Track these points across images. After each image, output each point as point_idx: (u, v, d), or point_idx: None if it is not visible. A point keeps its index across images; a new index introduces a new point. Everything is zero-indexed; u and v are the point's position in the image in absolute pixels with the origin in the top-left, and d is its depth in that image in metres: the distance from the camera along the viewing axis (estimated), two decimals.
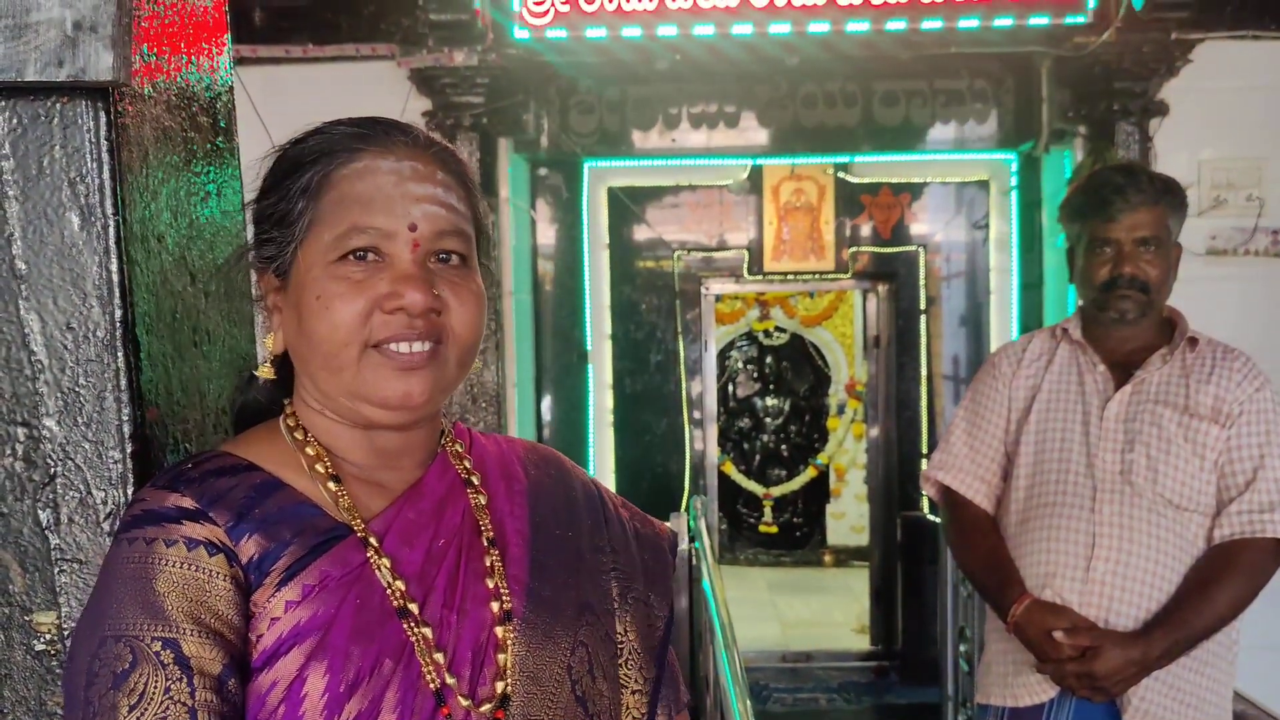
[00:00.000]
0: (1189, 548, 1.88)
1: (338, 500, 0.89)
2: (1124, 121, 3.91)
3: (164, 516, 0.83)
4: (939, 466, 2.14)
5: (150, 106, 1.02)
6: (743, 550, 7.51)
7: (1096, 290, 1.95)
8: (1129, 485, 1.90)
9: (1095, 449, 1.93)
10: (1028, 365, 2.06)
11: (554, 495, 1.02)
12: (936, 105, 4.33)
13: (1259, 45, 3.92)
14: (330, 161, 0.89)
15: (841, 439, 7.44)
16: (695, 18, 3.85)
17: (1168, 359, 1.94)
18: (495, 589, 0.91)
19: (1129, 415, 1.93)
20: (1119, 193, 1.91)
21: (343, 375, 0.87)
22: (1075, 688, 1.84)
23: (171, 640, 0.79)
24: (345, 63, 4.01)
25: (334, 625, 0.83)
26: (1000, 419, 2.07)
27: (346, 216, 0.86)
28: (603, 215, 4.70)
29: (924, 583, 4.45)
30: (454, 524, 0.93)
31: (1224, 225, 3.95)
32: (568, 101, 4.35)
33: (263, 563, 0.84)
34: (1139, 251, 1.91)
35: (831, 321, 7.39)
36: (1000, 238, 4.59)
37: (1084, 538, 1.90)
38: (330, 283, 0.86)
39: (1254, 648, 2.04)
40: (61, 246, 0.94)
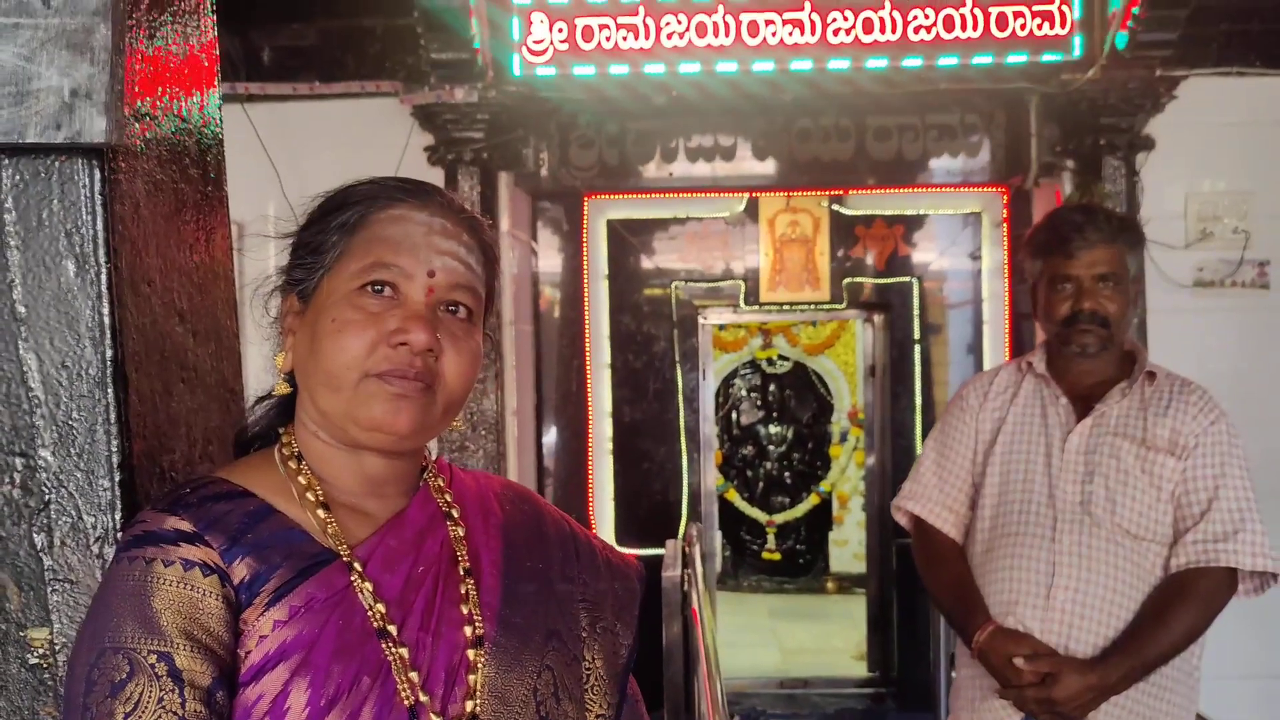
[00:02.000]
0: (1146, 576, 1.93)
1: (325, 527, 0.96)
2: (1111, 156, 3.99)
3: (163, 538, 0.90)
4: (908, 496, 2.19)
5: (142, 162, 1.11)
6: (746, 577, 7.54)
7: (1058, 325, 2.00)
8: (1088, 515, 1.95)
9: (1057, 480, 1.99)
10: (994, 398, 2.12)
11: (527, 530, 1.08)
12: (928, 140, 4.42)
13: (1242, 81, 4.00)
14: (371, 205, 0.98)
15: (844, 466, 7.48)
16: (688, 55, 3.96)
17: (1127, 392, 2.00)
18: (469, 615, 0.98)
19: (1089, 447, 1.98)
20: (1078, 231, 1.98)
21: (340, 395, 0.95)
22: (1036, 713, 1.89)
23: (166, 654, 0.86)
24: (351, 100, 4.12)
25: (317, 644, 0.90)
26: (968, 449, 2.12)
27: (373, 252, 0.96)
28: (602, 247, 4.79)
29: (920, 609, 4.49)
30: (433, 553, 0.99)
31: (1210, 258, 4.01)
32: (567, 136, 4.45)
33: (253, 584, 0.91)
34: (1098, 288, 1.97)
35: (834, 350, 7.45)
36: (993, 268, 4.66)
37: (1045, 566, 1.95)
38: (347, 309, 0.95)
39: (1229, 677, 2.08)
40: (58, 292, 1.02)
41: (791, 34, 3.91)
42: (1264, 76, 4.00)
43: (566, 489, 4.76)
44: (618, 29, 3.96)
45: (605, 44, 3.98)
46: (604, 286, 4.78)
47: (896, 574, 4.80)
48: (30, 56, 0.98)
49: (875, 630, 5.09)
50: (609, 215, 4.78)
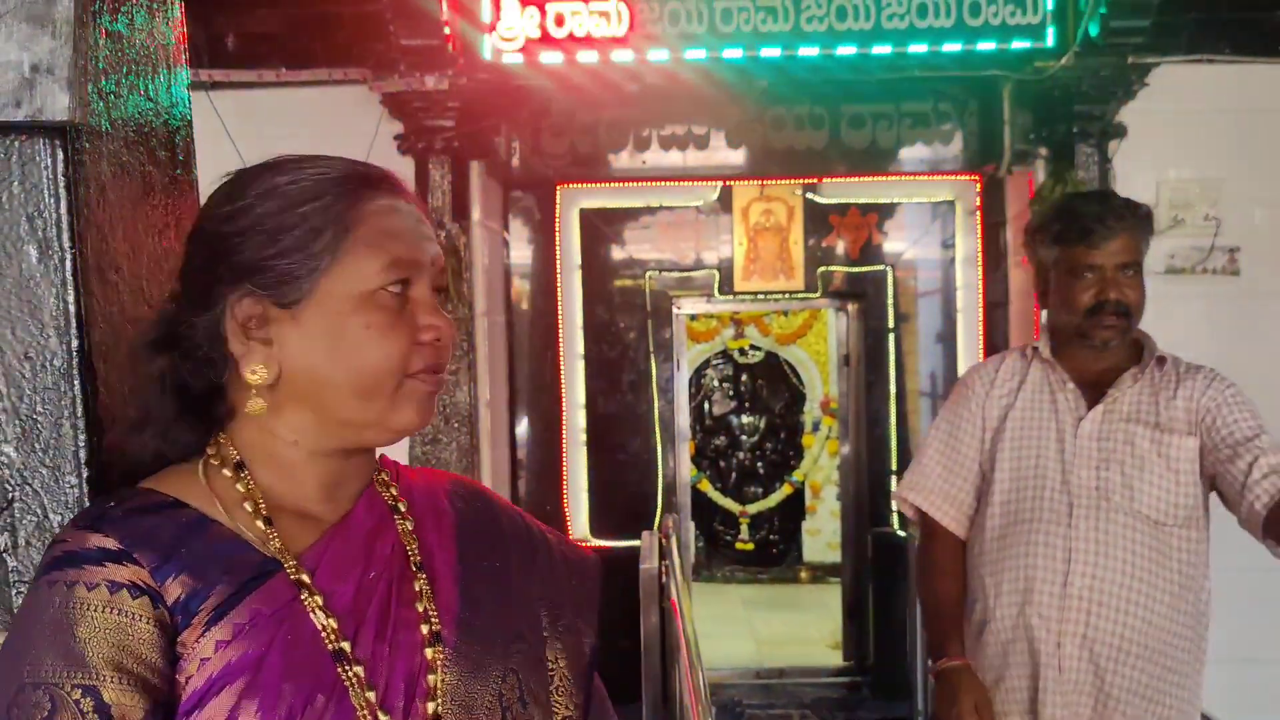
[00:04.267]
0: (1166, 562, 1.92)
1: (268, 538, 0.89)
2: (1084, 144, 3.99)
3: (85, 558, 0.83)
4: (911, 487, 2.16)
5: (108, 142, 1.06)
6: (720, 568, 7.54)
7: (1080, 316, 1.97)
8: (1105, 501, 1.93)
9: (1070, 467, 1.97)
10: (1000, 385, 2.09)
11: (481, 528, 1.03)
12: (902, 128, 4.41)
13: (1213, 69, 4.02)
14: (356, 196, 0.91)
15: (817, 456, 7.50)
16: (660, 42, 3.92)
17: (1138, 378, 1.98)
18: (424, 612, 0.93)
19: (1102, 434, 1.96)
20: (1099, 220, 1.95)
21: (377, 402, 0.89)
22: None
23: (91, 687, 0.79)
24: (318, 87, 4.05)
25: (265, 663, 0.83)
26: (975, 439, 2.10)
27: (385, 249, 0.89)
28: (575, 236, 4.75)
29: (895, 598, 4.49)
30: (384, 555, 0.94)
31: (1182, 245, 4.03)
32: (539, 124, 4.40)
33: (189, 603, 0.84)
34: (1121, 277, 1.94)
35: (806, 339, 7.45)
36: (967, 257, 4.67)
37: (1061, 553, 1.94)
38: (375, 311, 0.88)
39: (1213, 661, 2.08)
40: (20, 279, 0.97)
41: (764, 20, 3.88)
42: (1233, 64, 4.02)
43: (540, 481, 4.72)
44: (589, 15, 3.91)
45: (577, 31, 3.93)
46: (577, 277, 4.74)
47: (872, 563, 4.81)
48: None
49: (851, 619, 5.10)
50: (582, 204, 4.74)
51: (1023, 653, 1.95)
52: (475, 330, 4.11)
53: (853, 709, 4.73)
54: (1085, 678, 1.92)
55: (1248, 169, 4.07)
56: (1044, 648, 1.93)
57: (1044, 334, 2.11)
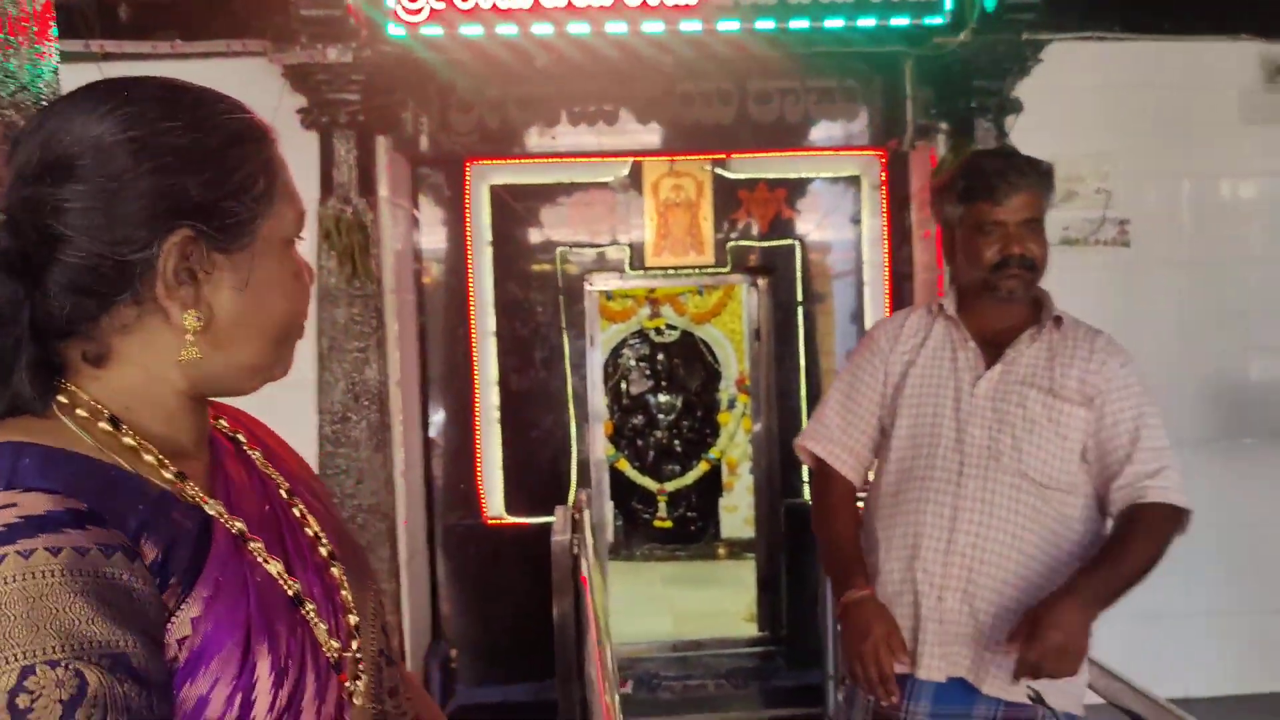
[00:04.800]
0: (1049, 523, 1.97)
1: (185, 489, 0.83)
2: (982, 118, 4.10)
3: (58, 522, 0.72)
4: (810, 436, 2.18)
5: None
6: (638, 546, 7.58)
7: (986, 270, 2.00)
8: (994, 462, 1.97)
9: (965, 425, 2.00)
10: (905, 340, 2.12)
11: (282, 443, 1.04)
12: (809, 103, 4.46)
13: (1104, 46, 4.15)
14: (274, 143, 0.90)
15: (733, 433, 7.57)
16: (571, 16, 3.90)
17: (1035, 338, 2.02)
18: (316, 536, 0.93)
19: (998, 394, 2.00)
20: (1002, 176, 1.98)
21: (284, 348, 0.90)
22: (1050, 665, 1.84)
23: (121, 655, 0.70)
24: (216, 59, 3.94)
25: (251, 614, 0.80)
26: (875, 392, 2.13)
27: (296, 201, 0.90)
28: (485, 213, 4.71)
29: (807, 569, 4.57)
30: (258, 482, 0.93)
31: (1075, 216, 4.17)
32: (447, 100, 4.35)
33: (164, 566, 0.77)
34: (1025, 232, 1.98)
35: (720, 318, 7.52)
36: (872, 231, 4.75)
37: (949, 511, 1.97)
38: (293, 261, 0.90)
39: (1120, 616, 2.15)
40: None
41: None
42: (1123, 41, 4.16)
43: (454, 459, 4.69)
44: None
45: (483, 4, 3.89)
46: (488, 253, 4.71)
47: (785, 536, 4.88)
48: None
49: (764, 591, 5.18)
50: (492, 181, 4.70)
51: (908, 605, 1.99)
52: (385, 308, 4.06)
53: (767, 677, 4.80)
54: (965, 630, 1.96)
55: (1137, 143, 4.22)
56: (926, 601, 1.97)
57: (949, 291, 2.15)
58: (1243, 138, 4.30)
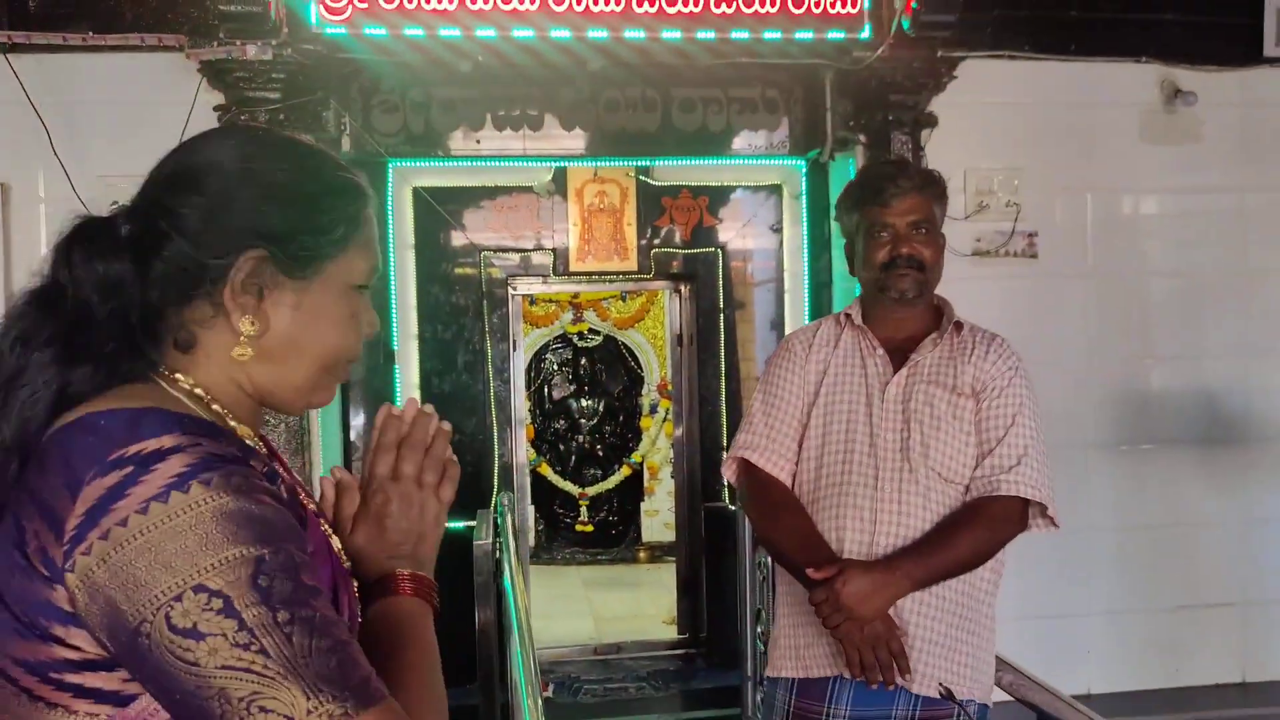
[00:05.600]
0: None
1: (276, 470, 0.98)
2: (899, 131, 4.20)
3: (236, 459, 0.86)
4: (744, 446, 2.18)
5: None
6: (560, 550, 7.58)
7: (877, 271, 2.08)
8: (906, 462, 2.03)
9: (877, 429, 2.06)
10: (818, 349, 2.17)
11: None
12: (732, 112, 4.53)
13: (1014, 64, 4.30)
14: (366, 202, 1.03)
15: (654, 438, 7.62)
16: (492, 20, 3.89)
17: (938, 342, 2.10)
18: (340, 549, 1.07)
19: (905, 396, 2.07)
20: (890, 180, 2.07)
21: (326, 377, 1.02)
22: (829, 617, 1.92)
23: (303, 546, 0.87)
24: (130, 53, 3.85)
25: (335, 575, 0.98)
26: (796, 398, 2.16)
27: (372, 255, 1.04)
28: (408, 215, 4.68)
29: (727, 571, 4.63)
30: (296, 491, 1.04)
31: (986, 229, 4.30)
32: (370, 100, 4.31)
33: (291, 508, 0.91)
34: (913, 234, 2.06)
35: (643, 324, 7.56)
36: (793, 240, 4.84)
37: (868, 514, 2.02)
38: (352, 303, 1.02)
39: (1018, 616, 2.22)
40: None
41: (598, 1, 3.91)
42: (1032, 60, 4.31)
43: None
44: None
45: (407, 4, 3.87)
46: (411, 256, 4.67)
47: (705, 539, 4.93)
48: None
49: (684, 594, 5.22)
50: (415, 183, 4.67)
51: None
52: None
53: (687, 679, 4.85)
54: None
55: (1045, 158, 4.38)
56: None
57: (856, 302, 2.21)
58: (1143, 155, 4.49)
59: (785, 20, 4.00)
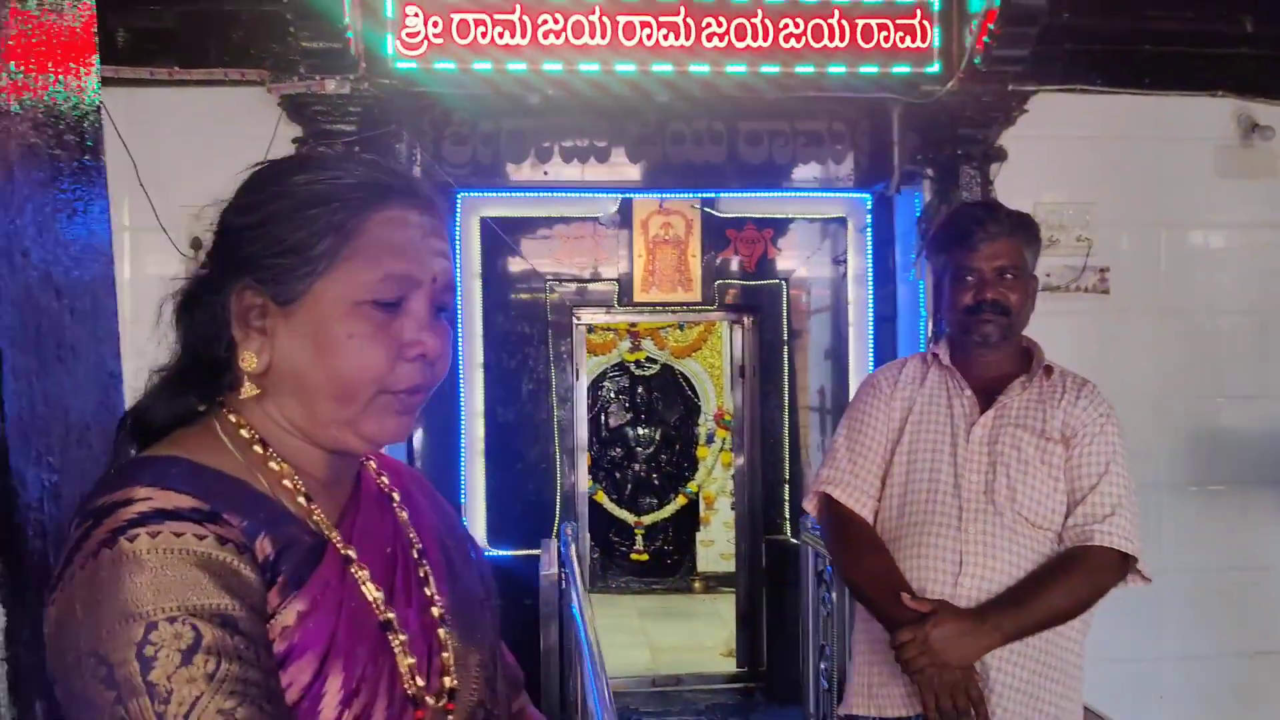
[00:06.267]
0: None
1: (311, 513, 0.94)
2: (967, 165, 4.17)
3: (182, 516, 0.83)
4: (826, 482, 2.16)
5: (16, 123, 1.04)
6: (615, 578, 7.57)
7: (961, 314, 2.07)
8: (991, 505, 2.01)
9: (962, 470, 2.04)
10: (904, 386, 2.16)
11: (439, 511, 1.13)
12: (798, 146, 4.54)
13: (1086, 98, 4.25)
14: (364, 205, 0.92)
15: (710, 467, 7.60)
16: (563, 54, 3.95)
17: (1026, 385, 2.08)
18: (431, 596, 1.01)
19: (992, 438, 2.05)
20: (979, 225, 2.06)
21: (349, 409, 0.92)
22: (914, 659, 1.89)
23: (230, 616, 0.81)
24: (213, 87, 3.95)
25: (337, 632, 0.88)
26: (881, 435, 2.15)
27: (382, 263, 0.91)
28: (475, 245, 4.74)
29: (787, 605, 4.59)
30: (390, 533, 1.01)
31: (1057, 264, 4.25)
32: (441, 132, 4.39)
33: (276, 564, 0.87)
34: (999, 279, 2.05)
35: (701, 353, 7.56)
36: (857, 273, 4.82)
37: (952, 555, 2.00)
38: (359, 322, 0.91)
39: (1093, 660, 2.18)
40: None
41: (666, 36, 3.95)
42: (1105, 94, 4.26)
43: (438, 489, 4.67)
44: (493, 24, 3.93)
45: (481, 39, 3.94)
46: (477, 285, 4.73)
47: (766, 571, 4.90)
48: None
49: (744, 627, 5.18)
50: (483, 213, 4.73)
51: None
52: None
53: (747, 713, 4.81)
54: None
55: (1117, 193, 4.32)
56: None
57: (943, 342, 2.20)
58: (1218, 190, 4.41)
59: (853, 55, 4.01)
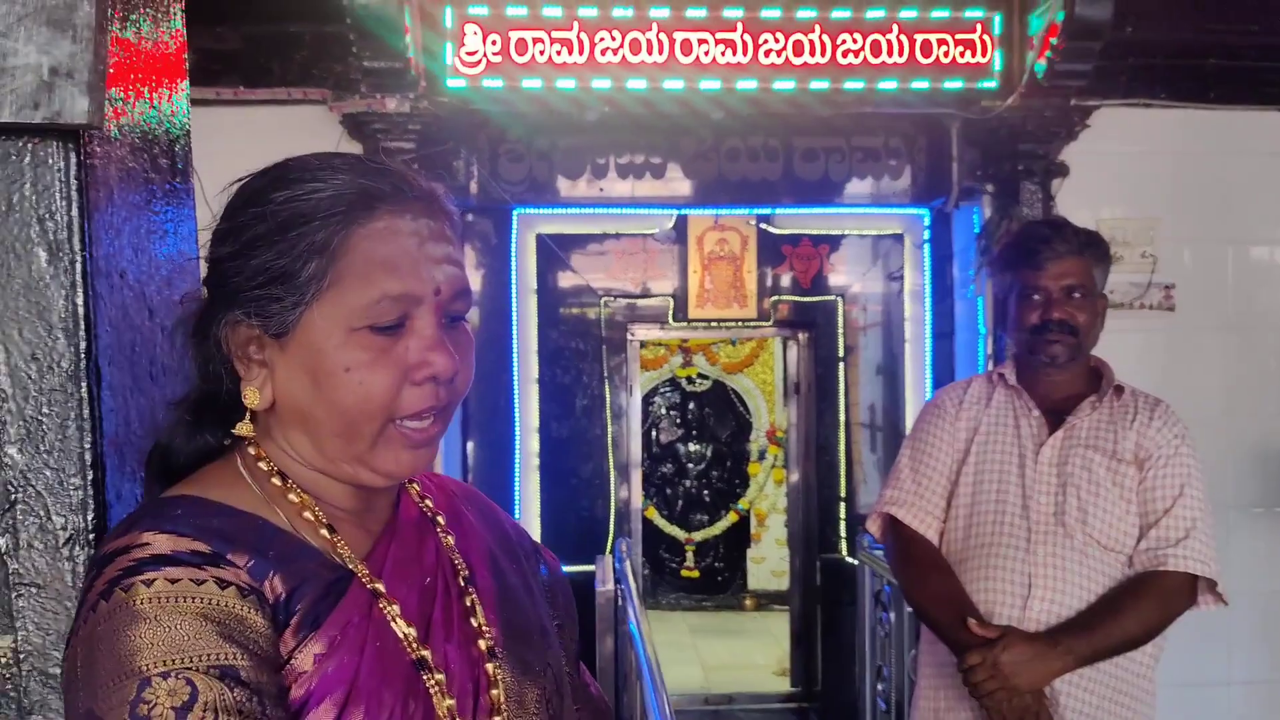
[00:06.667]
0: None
1: (335, 546, 0.88)
2: (1028, 181, 4.12)
3: (180, 561, 0.78)
4: (891, 502, 2.15)
5: (116, 148, 1.06)
6: (665, 595, 7.55)
7: (1028, 334, 2.05)
8: (1061, 527, 1.98)
9: (1030, 491, 2.02)
10: (969, 406, 2.14)
11: (495, 531, 1.06)
12: (854, 161, 4.52)
13: (1149, 113, 4.18)
14: (347, 220, 0.84)
15: (762, 484, 7.56)
16: (622, 72, 3.97)
17: (1096, 406, 2.05)
18: (479, 628, 0.94)
19: (1061, 459, 2.02)
20: (1046, 243, 2.04)
21: (357, 445, 0.86)
22: (983, 683, 1.86)
23: (230, 667, 0.75)
24: (277, 106, 4.03)
25: (360, 674, 0.82)
26: (946, 455, 2.13)
27: (374, 283, 0.83)
28: (531, 261, 4.76)
29: (843, 624, 4.54)
30: (432, 561, 0.95)
31: (1120, 281, 4.17)
32: (497, 149, 4.43)
33: (289, 603, 0.82)
34: (1066, 298, 2.03)
35: (753, 369, 7.53)
36: (914, 289, 4.77)
37: (1020, 578, 1.97)
38: (358, 352, 0.84)
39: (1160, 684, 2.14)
40: (29, 280, 0.97)
41: (724, 53, 3.95)
42: (1169, 109, 4.19)
43: None
44: (551, 43, 3.96)
45: (539, 58, 3.97)
46: (533, 301, 4.75)
47: (821, 589, 4.85)
48: (6, 32, 0.93)
49: (798, 646, 5.14)
50: (538, 230, 4.76)
51: None
52: None
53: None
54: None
55: (1183, 209, 4.24)
56: None
57: (1010, 361, 2.18)
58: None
59: (914, 69, 3.98)
